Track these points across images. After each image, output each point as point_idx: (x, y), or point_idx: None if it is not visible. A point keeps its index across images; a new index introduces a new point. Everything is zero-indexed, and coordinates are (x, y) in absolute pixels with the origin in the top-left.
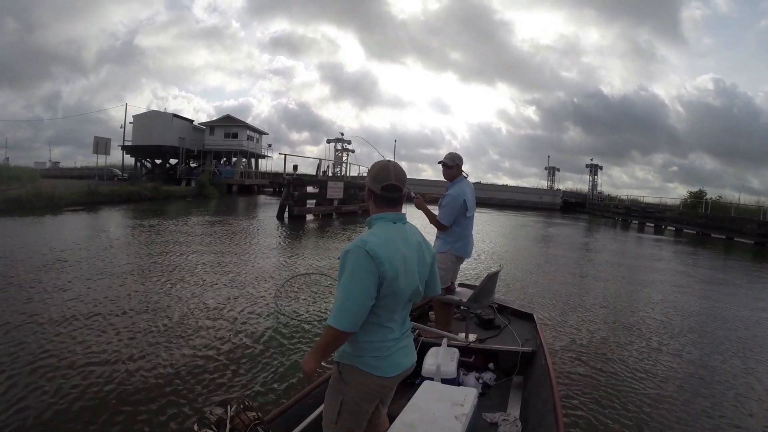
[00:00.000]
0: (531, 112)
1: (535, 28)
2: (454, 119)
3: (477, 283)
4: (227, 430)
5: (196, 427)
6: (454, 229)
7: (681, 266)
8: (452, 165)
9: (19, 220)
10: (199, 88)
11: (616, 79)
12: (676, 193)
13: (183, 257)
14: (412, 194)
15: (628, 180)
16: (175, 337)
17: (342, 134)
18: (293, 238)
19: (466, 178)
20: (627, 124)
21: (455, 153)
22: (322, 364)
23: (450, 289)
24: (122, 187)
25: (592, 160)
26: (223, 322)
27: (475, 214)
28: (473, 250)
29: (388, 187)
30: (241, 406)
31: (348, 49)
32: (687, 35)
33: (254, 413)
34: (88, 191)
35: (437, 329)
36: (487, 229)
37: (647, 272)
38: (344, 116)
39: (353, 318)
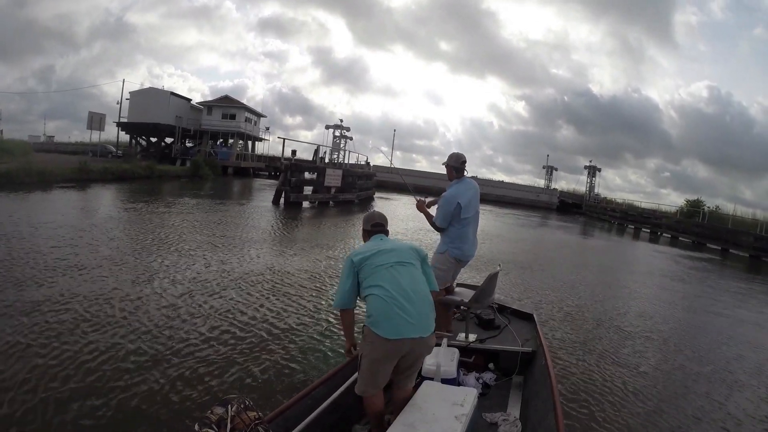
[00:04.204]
0: (521, 107)
1: (524, 22)
2: (446, 110)
3: (476, 283)
4: (228, 429)
5: (197, 427)
6: (451, 230)
7: (682, 277)
8: (447, 164)
9: (2, 195)
10: (194, 67)
11: (605, 78)
12: (669, 199)
13: (171, 245)
14: (416, 198)
15: (621, 183)
16: (171, 336)
17: (341, 120)
18: (289, 227)
19: (467, 178)
20: (619, 126)
21: (456, 153)
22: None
23: (450, 290)
24: (115, 165)
25: (591, 161)
26: (220, 320)
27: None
28: (475, 251)
29: (375, 224)
30: (242, 406)
31: (337, 34)
32: (679, 39)
33: (255, 413)
34: (79, 168)
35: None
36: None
37: (648, 278)
38: (336, 102)
39: (340, 300)
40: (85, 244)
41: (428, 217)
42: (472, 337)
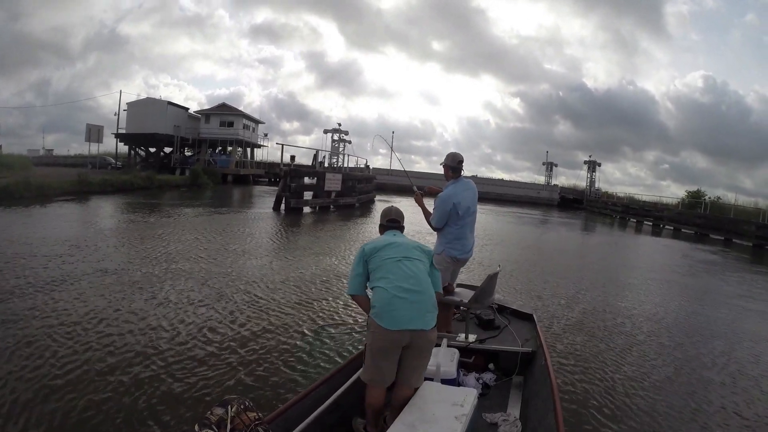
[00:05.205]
0: (516, 104)
1: (515, 18)
2: (442, 110)
3: (475, 284)
4: (228, 430)
5: (196, 428)
6: (447, 230)
7: (691, 271)
8: (445, 164)
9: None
10: (190, 76)
11: (599, 72)
12: (670, 191)
13: (174, 253)
14: (414, 188)
15: (621, 176)
16: (173, 339)
17: (339, 125)
18: (292, 233)
19: (464, 178)
20: (615, 119)
21: (453, 152)
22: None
23: (449, 290)
24: (114, 176)
25: (590, 156)
26: (221, 321)
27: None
28: (473, 250)
29: (390, 220)
30: (242, 407)
31: (329, 37)
32: (671, 30)
33: (255, 414)
34: (78, 180)
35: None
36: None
37: (655, 273)
38: (332, 106)
39: (351, 286)
40: (80, 256)
41: (425, 212)
42: (472, 337)
